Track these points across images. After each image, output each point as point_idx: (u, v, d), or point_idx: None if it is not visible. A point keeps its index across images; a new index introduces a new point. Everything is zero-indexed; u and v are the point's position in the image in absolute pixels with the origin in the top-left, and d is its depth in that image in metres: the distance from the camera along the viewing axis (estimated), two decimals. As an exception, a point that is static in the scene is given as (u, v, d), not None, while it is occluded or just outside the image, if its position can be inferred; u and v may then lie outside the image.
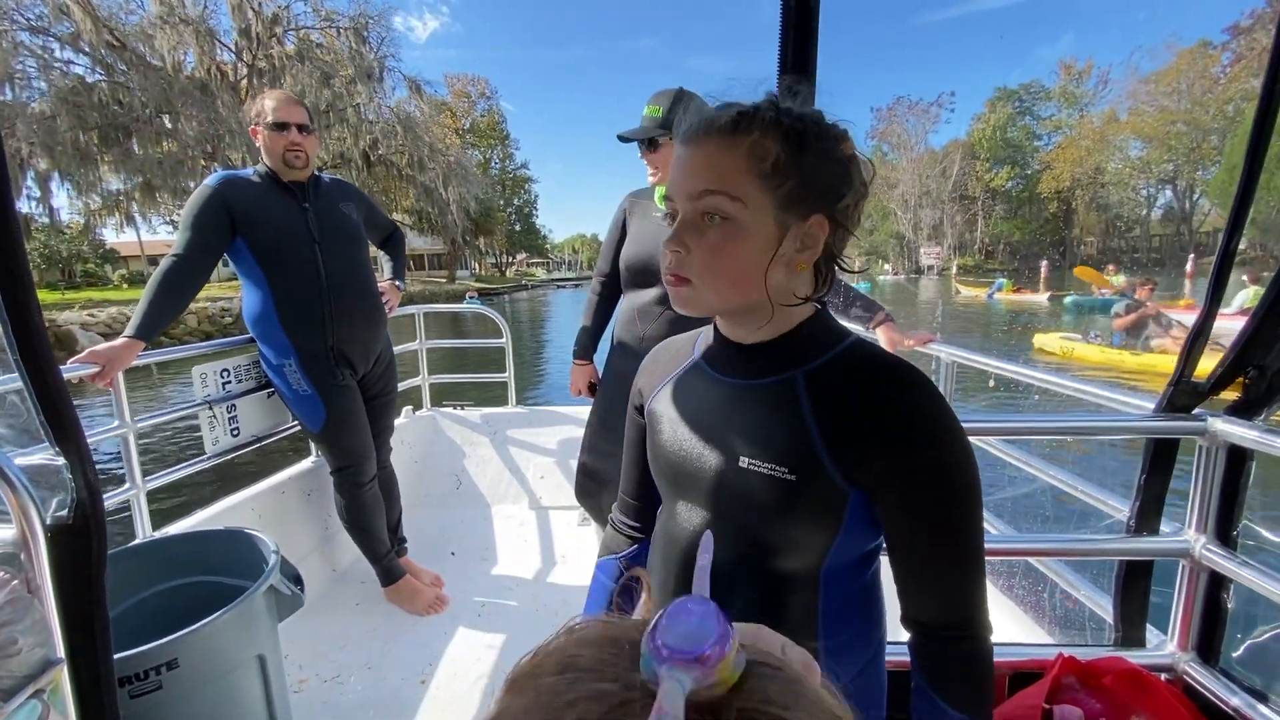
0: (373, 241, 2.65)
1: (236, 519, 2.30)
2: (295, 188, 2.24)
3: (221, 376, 2.30)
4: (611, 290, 2.29)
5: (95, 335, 15.80)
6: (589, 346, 2.38)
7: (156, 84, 22.27)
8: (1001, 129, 63.73)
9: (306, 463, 2.75)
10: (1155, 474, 1.31)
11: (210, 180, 2.17)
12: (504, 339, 3.57)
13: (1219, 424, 1.22)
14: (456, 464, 3.48)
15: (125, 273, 33.30)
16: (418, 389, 3.55)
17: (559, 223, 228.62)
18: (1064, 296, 21.96)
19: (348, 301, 2.29)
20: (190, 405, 2.23)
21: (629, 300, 2.17)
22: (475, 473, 3.47)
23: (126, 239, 32.31)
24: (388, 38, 29.57)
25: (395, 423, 2.76)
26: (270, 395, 2.46)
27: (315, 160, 2.30)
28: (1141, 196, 60.68)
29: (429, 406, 3.63)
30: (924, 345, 2.16)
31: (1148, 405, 1.32)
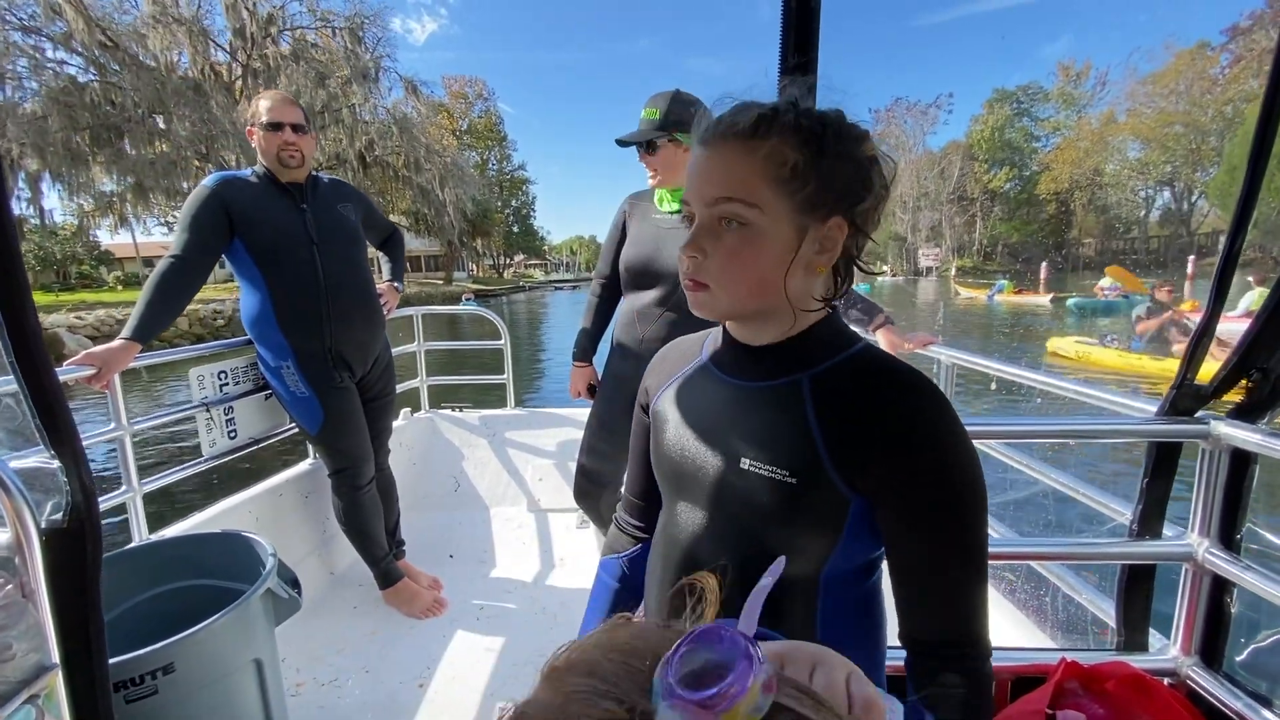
0: (371, 242, 2.64)
1: (233, 522, 2.29)
2: (293, 188, 2.24)
3: (219, 378, 2.29)
4: (611, 292, 2.29)
5: (82, 338, 15.71)
6: (588, 348, 2.37)
7: (149, 84, 22.20)
8: (999, 130, 63.82)
9: (304, 465, 2.74)
10: (1158, 477, 1.31)
11: (208, 181, 2.16)
12: (502, 340, 3.56)
13: (1222, 427, 1.22)
14: (455, 466, 3.47)
15: (120, 274, 33.14)
16: (416, 391, 3.54)
17: (557, 224, 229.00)
18: (1066, 298, 21.86)
19: (346, 303, 2.28)
20: (187, 407, 2.22)
21: (628, 302, 2.17)
22: (474, 475, 3.46)
23: (122, 240, 32.29)
24: (384, 38, 29.58)
25: (393, 425, 2.75)
26: (268, 397, 2.45)
27: (312, 161, 2.29)
28: (1140, 198, 60.78)
29: (427, 408, 3.62)
30: (924, 347, 2.16)
31: (1150, 408, 1.32)
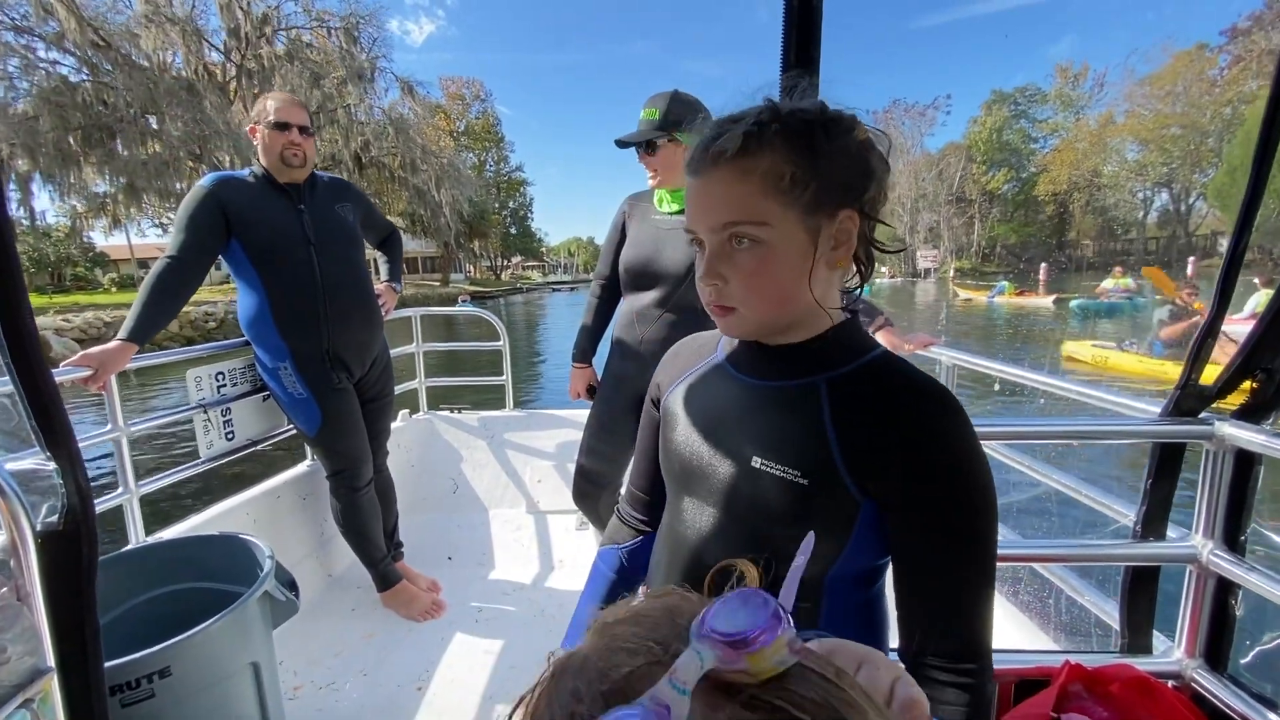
0: (370, 242, 2.63)
1: (231, 524, 2.28)
2: (290, 189, 2.23)
3: (216, 380, 2.28)
4: (611, 293, 2.28)
5: (70, 340, 15.64)
6: (588, 349, 2.37)
7: (141, 84, 22.01)
8: (998, 132, 63.92)
9: (302, 467, 2.73)
10: (1162, 478, 1.30)
11: (204, 181, 2.15)
12: (501, 342, 3.55)
13: (1226, 428, 1.21)
14: (453, 468, 3.46)
15: (115, 276, 32.97)
16: (414, 392, 3.53)
17: (555, 226, 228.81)
18: (1069, 300, 21.73)
19: (343, 303, 2.27)
20: (185, 409, 2.20)
21: (628, 303, 2.16)
22: (472, 476, 3.45)
23: (117, 242, 32.19)
24: (379, 38, 29.39)
25: (392, 426, 2.74)
26: (266, 399, 2.44)
27: (312, 163, 2.29)
28: (1138, 199, 60.87)
29: (426, 410, 3.60)
30: (924, 348, 2.15)
31: (1154, 409, 1.31)
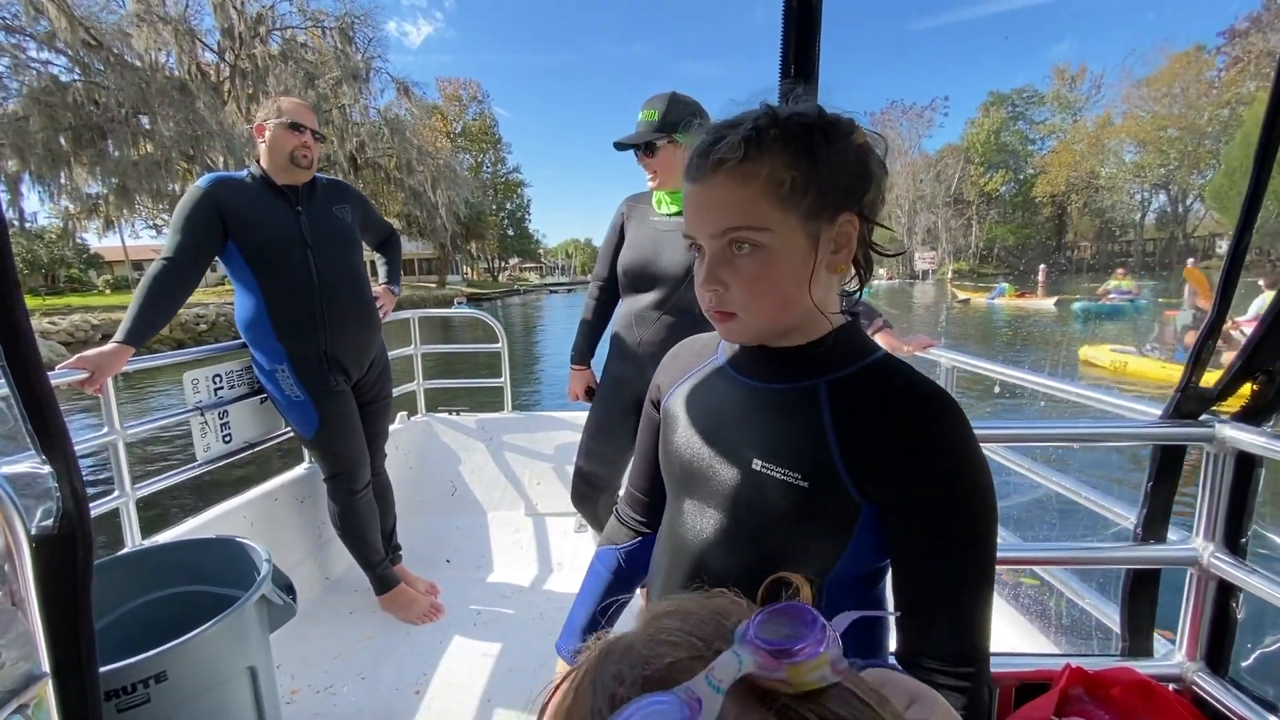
0: (368, 245, 2.62)
1: (228, 527, 2.27)
2: (289, 190, 2.22)
3: (213, 382, 2.27)
4: (609, 295, 2.27)
5: (55, 344, 15.61)
6: (586, 351, 2.36)
7: (133, 83, 21.78)
8: (995, 133, 64.01)
9: (300, 469, 2.72)
10: (1162, 481, 1.30)
11: (201, 182, 2.14)
12: (499, 344, 3.54)
13: (1227, 430, 1.21)
14: (452, 470, 3.45)
15: (110, 278, 32.88)
16: (413, 394, 3.52)
17: (553, 228, 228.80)
18: (1071, 302, 21.55)
19: (341, 306, 2.26)
20: (182, 411, 2.19)
21: (626, 305, 2.15)
22: (471, 479, 3.44)
23: (111, 244, 32.03)
24: (375, 38, 29.17)
25: (390, 428, 2.73)
26: (263, 401, 2.43)
27: (316, 166, 2.29)
28: (1135, 201, 60.96)
29: (424, 412, 3.59)
30: (923, 350, 2.15)
31: (1154, 411, 1.31)
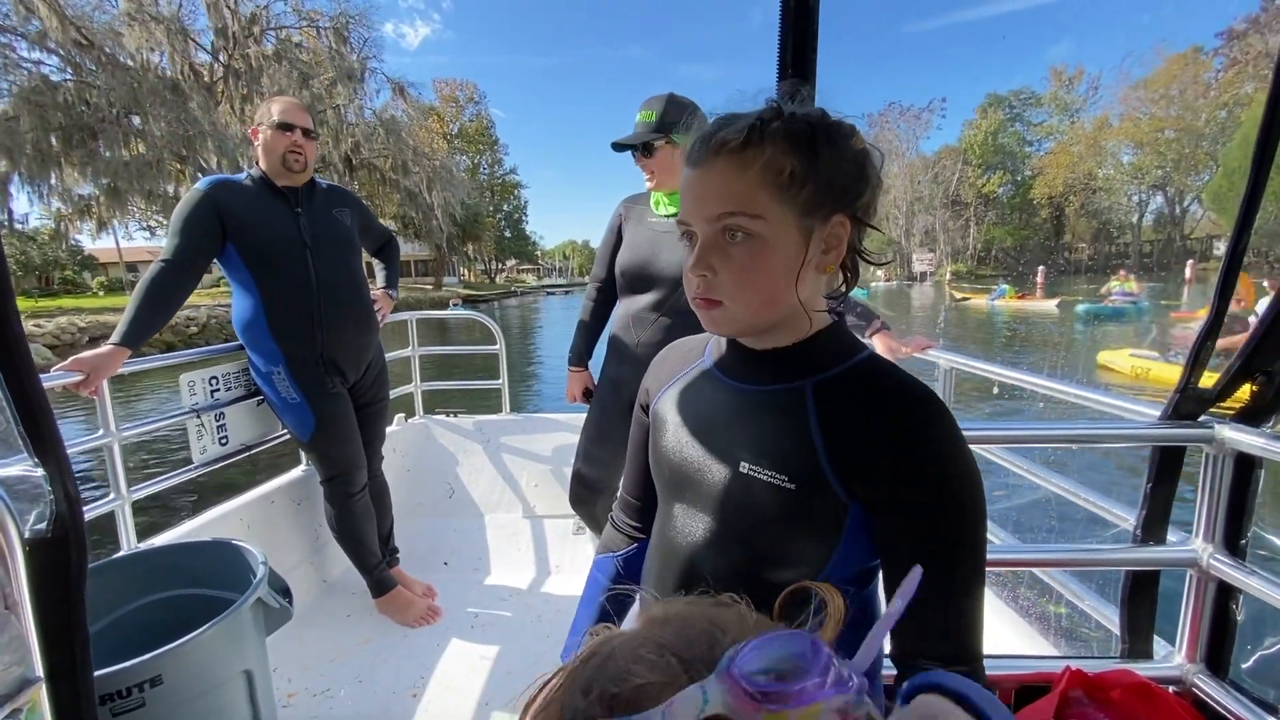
0: (367, 249, 2.62)
1: (224, 530, 2.25)
2: (288, 192, 2.22)
3: (210, 384, 2.26)
4: (607, 296, 2.27)
5: (40, 347, 15.55)
6: (584, 353, 2.36)
7: (124, 83, 21.59)
8: (993, 135, 64.16)
9: (296, 472, 2.71)
10: (1161, 482, 1.30)
11: (201, 184, 2.14)
12: (498, 345, 3.54)
13: (1226, 431, 1.20)
14: (449, 472, 3.44)
15: (104, 280, 32.74)
16: (410, 396, 3.51)
17: (550, 229, 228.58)
18: (1074, 303, 21.33)
19: (339, 308, 2.26)
20: (178, 414, 2.18)
21: (624, 306, 2.15)
22: (468, 481, 3.43)
23: (105, 245, 31.90)
24: (370, 39, 29.01)
25: (387, 430, 2.72)
26: (260, 403, 2.42)
27: (313, 167, 2.28)
28: (1133, 202, 61.07)
29: (421, 414, 3.59)
30: (922, 352, 2.14)
31: (1153, 413, 1.30)
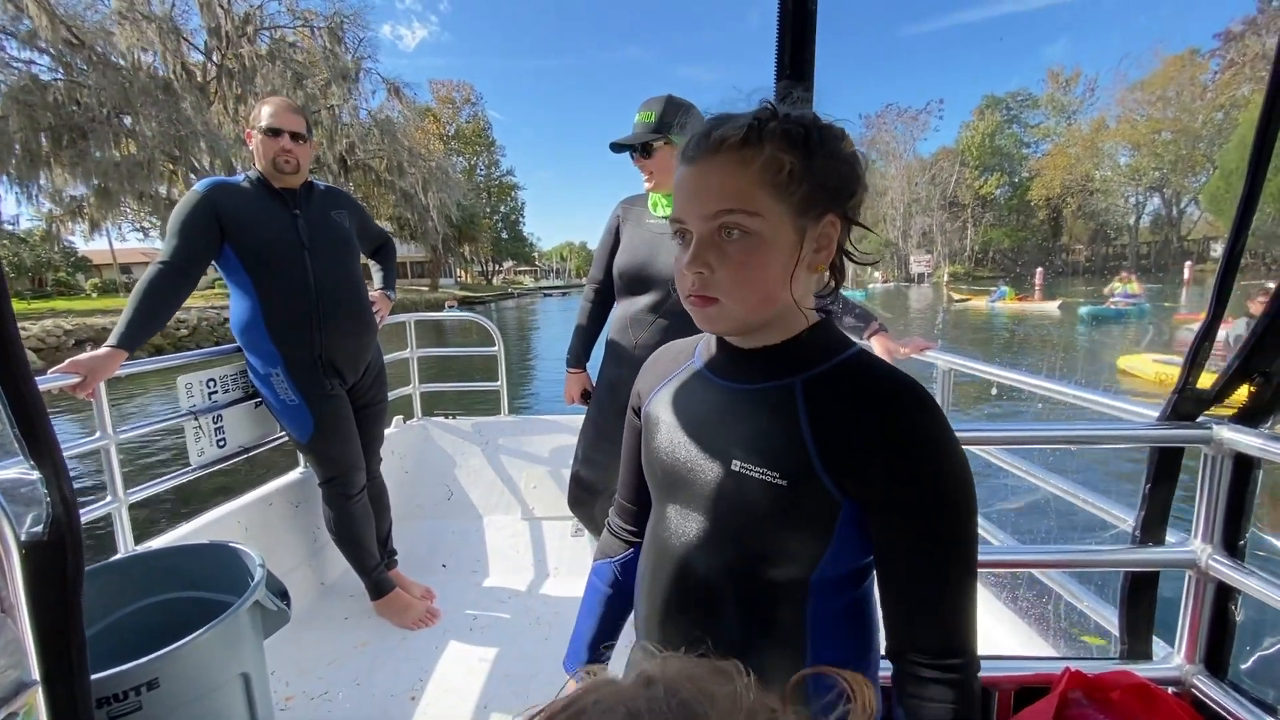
0: (364, 251, 2.61)
1: (222, 532, 2.25)
2: (286, 194, 2.21)
3: (207, 386, 2.26)
4: (605, 298, 2.27)
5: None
6: (582, 354, 2.36)
7: (115, 82, 21.37)
8: (990, 137, 64.29)
9: (294, 474, 2.70)
10: (1160, 483, 1.29)
11: (199, 186, 2.14)
12: (496, 347, 3.53)
13: (1224, 432, 1.20)
14: (448, 474, 3.44)
15: (99, 281, 32.63)
16: (408, 397, 3.51)
17: (547, 231, 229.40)
18: (1076, 305, 21.18)
19: (337, 309, 2.25)
20: (175, 416, 2.18)
21: (622, 308, 2.15)
22: (467, 483, 3.43)
23: (99, 247, 31.77)
24: (365, 39, 28.86)
25: (385, 432, 2.71)
26: (258, 405, 2.41)
27: (307, 168, 2.27)
28: (1130, 204, 61.18)
29: (420, 415, 3.58)
30: (920, 353, 2.14)
31: (1152, 413, 1.30)
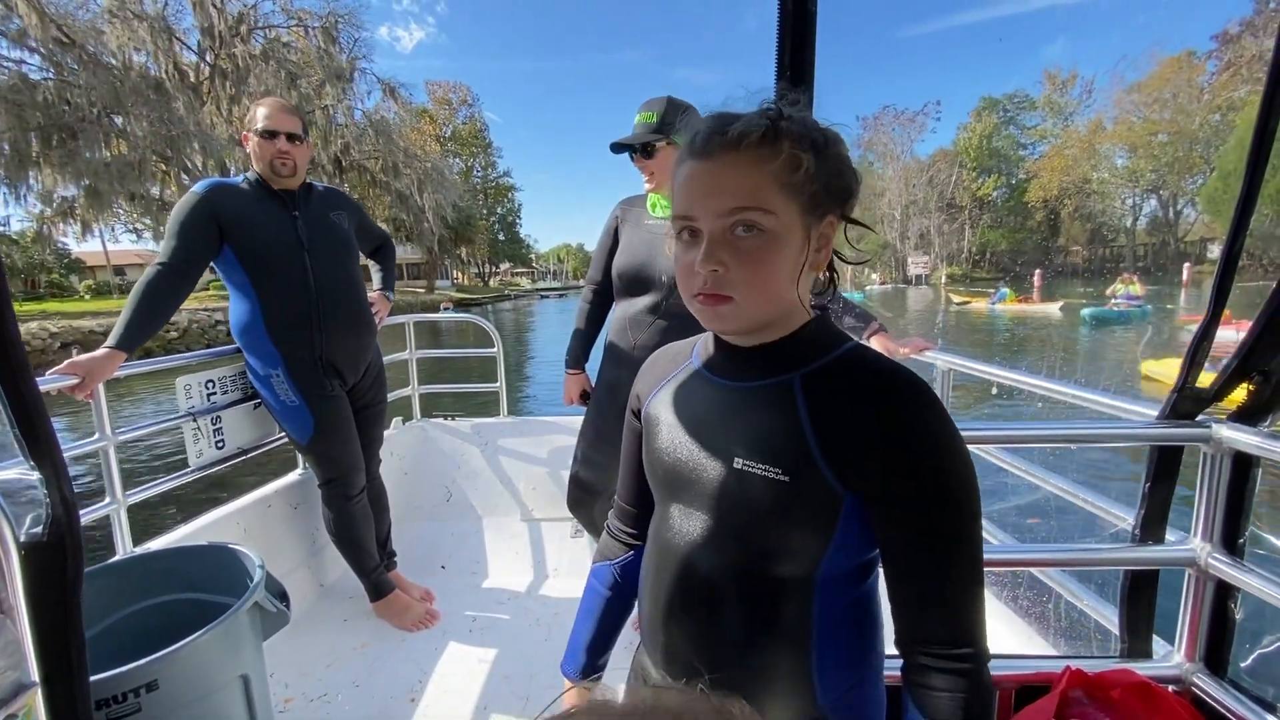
0: (363, 251, 2.62)
1: (221, 533, 2.25)
2: (285, 195, 2.21)
3: (206, 388, 2.25)
4: (603, 299, 2.27)
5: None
6: (581, 356, 2.36)
7: (105, 82, 21.12)
8: (987, 138, 64.41)
9: (294, 475, 2.70)
10: (1159, 482, 1.30)
11: (198, 187, 2.14)
12: (495, 348, 3.53)
13: (1224, 430, 1.20)
14: (447, 475, 3.44)
15: (92, 283, 32.50)
16: (408, 399, 3.51)
17: (544, 232, 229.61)
18: (1079, 306, 20.98)
19: (337, 310, 2.25)
20: (174, 417, 2.18)
21: (621, 309, 2.15)
22: (466, 484, 3.42)
23: (93, 248, 31.67)
24: (359, 38, 28.67)
25: (385, 433, 2.71)
26: (257, 406, 2.41)
27: (305, 169, 2.27)
28: (1127, 206, 61.30)
29: (419, 417, 3.58)
30: (920, 353, 2.14)
31: (1151, 413, 1.31)
